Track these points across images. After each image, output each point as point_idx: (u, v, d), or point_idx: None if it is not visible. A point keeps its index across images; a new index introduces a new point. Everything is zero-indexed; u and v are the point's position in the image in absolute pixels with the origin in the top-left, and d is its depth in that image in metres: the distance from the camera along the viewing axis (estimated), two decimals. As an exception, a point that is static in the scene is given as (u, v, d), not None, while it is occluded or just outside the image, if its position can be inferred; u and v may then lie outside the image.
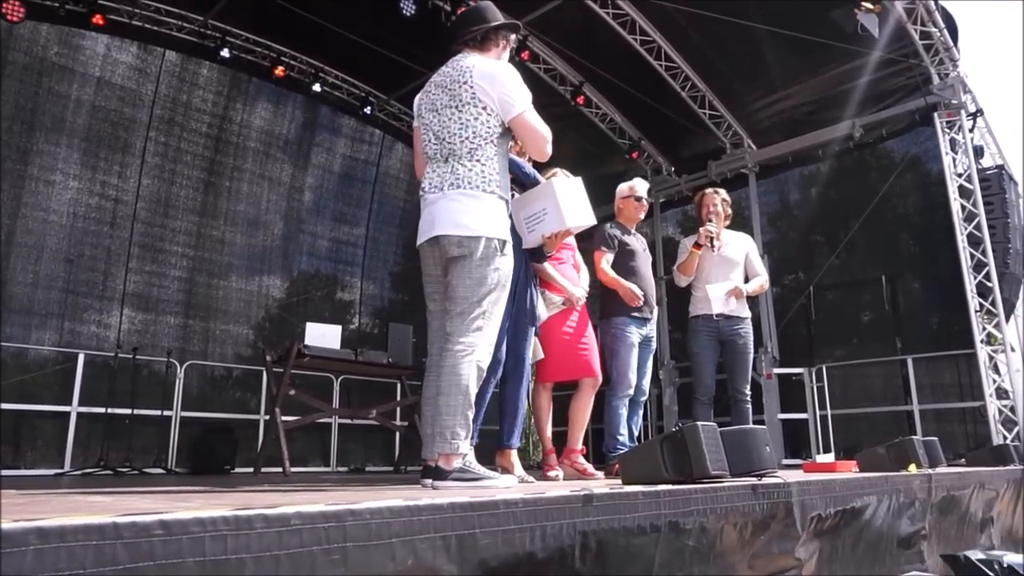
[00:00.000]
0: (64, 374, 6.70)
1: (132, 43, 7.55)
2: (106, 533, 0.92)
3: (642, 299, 4.05)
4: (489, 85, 2.40)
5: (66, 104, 7.13)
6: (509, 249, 2.45)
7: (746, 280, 4.54)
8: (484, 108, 2.40)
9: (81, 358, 6.66)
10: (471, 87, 2.41)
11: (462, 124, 2.41)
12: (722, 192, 4.62)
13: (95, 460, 6.26)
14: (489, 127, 2.40)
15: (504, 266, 2.41)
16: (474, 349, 2.32)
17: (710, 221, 4.43)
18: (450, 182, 2.39)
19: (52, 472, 6.17)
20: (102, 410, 6.45)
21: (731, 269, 4.49)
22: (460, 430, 2.27)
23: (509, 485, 2.32)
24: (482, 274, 2.34)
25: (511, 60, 2.73)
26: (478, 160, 2.38)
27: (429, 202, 2.45)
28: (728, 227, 4.61)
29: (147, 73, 7.67)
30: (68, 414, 6.47)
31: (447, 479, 2.24)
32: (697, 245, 4.38)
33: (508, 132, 2.52)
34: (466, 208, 2.35)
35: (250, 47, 8.09)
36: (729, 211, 4.60)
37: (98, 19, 6.96)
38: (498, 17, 2.62)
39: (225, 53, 7.71)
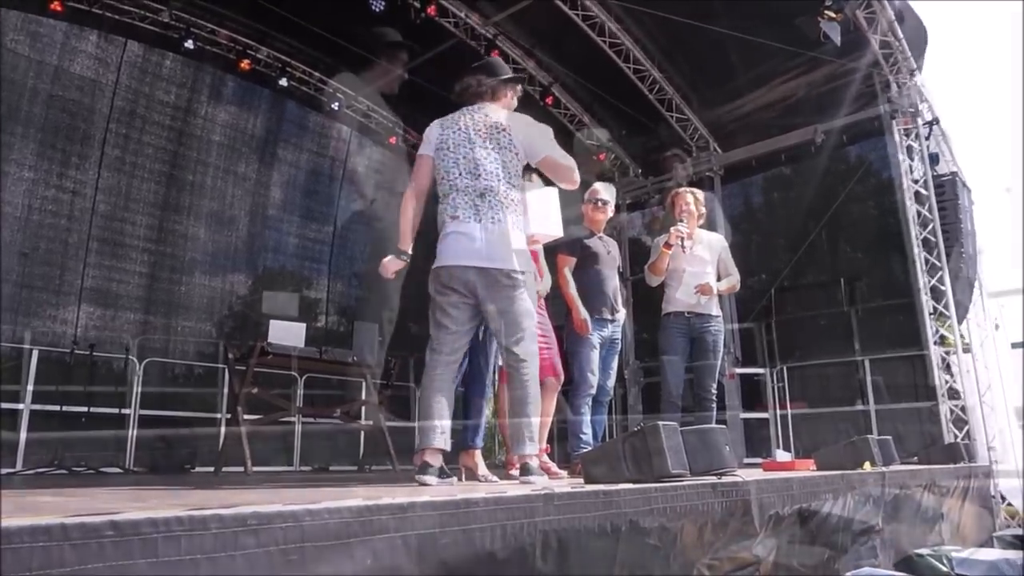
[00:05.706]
0: (17, 371, 6.50)
1: (92, 32, 7.33)
2: (53, 534, 0.90)
3: (590, 328, 4.07)
4: (520, 133, 2.80)
5: (22, 92, 6.90)
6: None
7: (719, 280, 4.58)
8: (516, 153, 2.78)
9: (35, 354, 6.48)
10: (508, 135, 2.78)
11: (500, 164, 2.74)
12: (696, 192, 4.63)
13: (49, 459, 6.07)
14: (517, 168, 2.79)
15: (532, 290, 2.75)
16: (533, 366, 2.65)
17: (681, 221, 4.43)
18: (490, 217, 2.66)
19: (4, 471, 5.97)
20: (56, 408, 6.28)
21: (703, 267, 4.50)
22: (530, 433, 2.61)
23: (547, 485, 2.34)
24: (527, 305, 2.66)
25: None
26: (512, 199, 2.72)
27: (463, 231, 2.66)
28: (700, 227, 4.65)
29: (107, 63, 7.47)
30: (20, 411, 6.28)
31: (533, 474, 2.55)
32: (668, 245, 4.39)
33: (526, 169, 2.91)
34: (510, 243, 2.66)
35: (215, 39, 7.93)
36: (702, 210, 4.61)
37: (56, 5, 6.77)
38: (507, 71, 3.01)
39: (189, 44, 7.54)
